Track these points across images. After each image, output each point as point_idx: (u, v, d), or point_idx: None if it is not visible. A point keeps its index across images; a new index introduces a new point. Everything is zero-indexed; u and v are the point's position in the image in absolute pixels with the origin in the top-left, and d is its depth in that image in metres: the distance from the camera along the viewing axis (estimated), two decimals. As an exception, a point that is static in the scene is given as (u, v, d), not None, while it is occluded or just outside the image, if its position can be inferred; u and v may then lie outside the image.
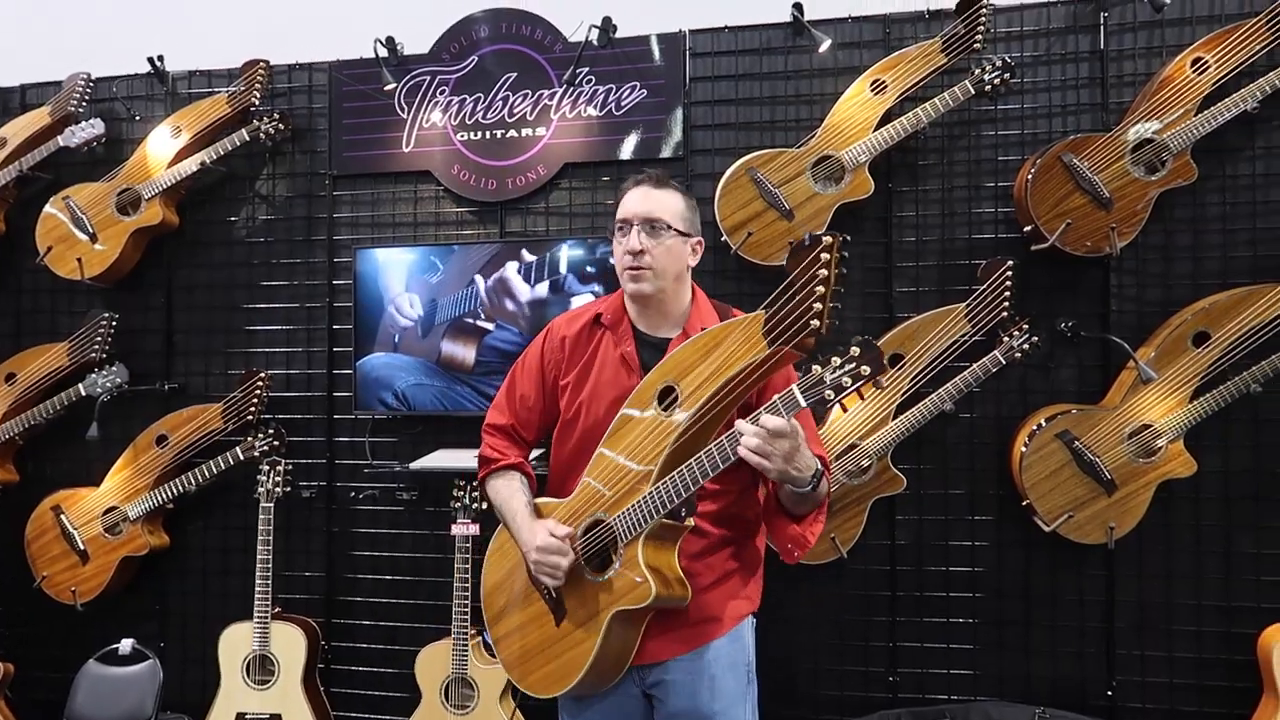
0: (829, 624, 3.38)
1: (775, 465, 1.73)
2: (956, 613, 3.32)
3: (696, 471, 1.81)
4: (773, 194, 3.21)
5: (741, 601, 2.09)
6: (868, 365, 1.62)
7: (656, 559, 1.89)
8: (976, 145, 3.36)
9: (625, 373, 2.06)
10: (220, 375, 3.84)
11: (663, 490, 1.84)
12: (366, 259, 3.58)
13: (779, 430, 1.70)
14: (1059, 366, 3.26)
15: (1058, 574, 3.26)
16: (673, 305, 2.09)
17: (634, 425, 1.92)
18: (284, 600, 3.67)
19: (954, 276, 3.33)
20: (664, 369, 1.92)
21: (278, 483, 3.47)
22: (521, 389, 2.23)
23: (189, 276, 3.89)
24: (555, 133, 3.60)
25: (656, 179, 2.09)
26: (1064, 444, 3.03)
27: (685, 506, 1.87)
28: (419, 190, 3.73)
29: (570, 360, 2.15)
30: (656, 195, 2.07)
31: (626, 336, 2.09)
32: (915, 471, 3.30)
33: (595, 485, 1.98)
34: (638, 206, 2.05)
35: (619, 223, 2.08)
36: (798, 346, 1.68)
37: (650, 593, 1.84)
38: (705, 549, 2.03)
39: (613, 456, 1.95)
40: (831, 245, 1.62)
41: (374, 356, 3.56)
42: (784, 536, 1.97)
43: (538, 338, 2.26)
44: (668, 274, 2.05)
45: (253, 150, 3.79)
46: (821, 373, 1.66)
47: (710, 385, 1.81)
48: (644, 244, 2.01)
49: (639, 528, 1.87)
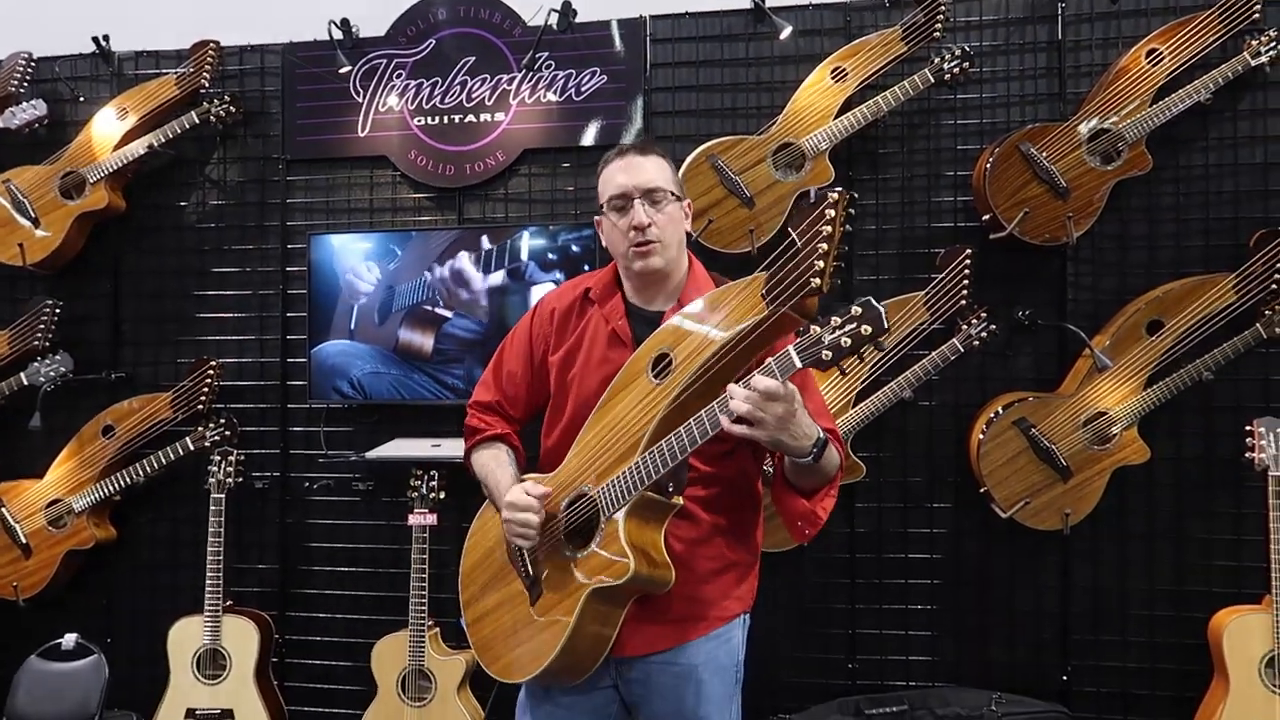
0: (788, 611, 3.41)
1: (767, 432, 1.64)
2: (915, 600, 3.36)
3: (685, 439, 1.71)
4: (733, 181, 3.23)
5: (733, 601, 1.99)
6: (868, 325, 1.52)
7: (640, 536, 1.79)
8: (936, 134, 3.40)
9: (617, 348, 1.97)
10: (169, 364, 3.79)
11: (648, 460, 1.75)
12: (321, 245, 3.55)
13: (771, 392, 1.60)
14: (1016, 354, 3.31)
15: (1014, 560, 3.31)
16: (673, 276, 2.00)
17: (625, 395, 1.85)
18: (236, 593, 3.63)
19: (913, 265, 3.36)
20: (659, 337, 1.85)
21: (229, 473, 3.43)
22: (509, 365, 2.14)
23: (136, 263, 3.84)
24: (514, 118, 3.59)
25: (639, 147, 2.00)
26: (1021, 431, 3.08)
27: (673, 481, 1.77)
28: (375, 176, 3.71)
29: (559, 336, 2.08)
30: (647, 163, 1.96)
31: (618, 311, 2.01)
32: (875, 459, 3.33)
33: (582, 457, 1.90)
34: (633, 178, 1.94)
35: (614, 199, 1.95)
36: (798, 309, 1.60)
37: (629, 568, 1.74)
38: (698, 537, 1.94)
39: (601, 428, 1.87)
40: (837, 202, 1.55)
41: (329, 344, 3.54)
42: (792, 512, 1.87)
43: (527, 314, 2.17)
44: (673, 243, 1.96)
45: (203, 133, 3.74)
46: (820, 332, 1.56)
47: (705, 351, 1.72)
48: (652, 216, 1.92)
49: (622, 500, 1.78)
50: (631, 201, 1.92)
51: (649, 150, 2.00)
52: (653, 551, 1.80)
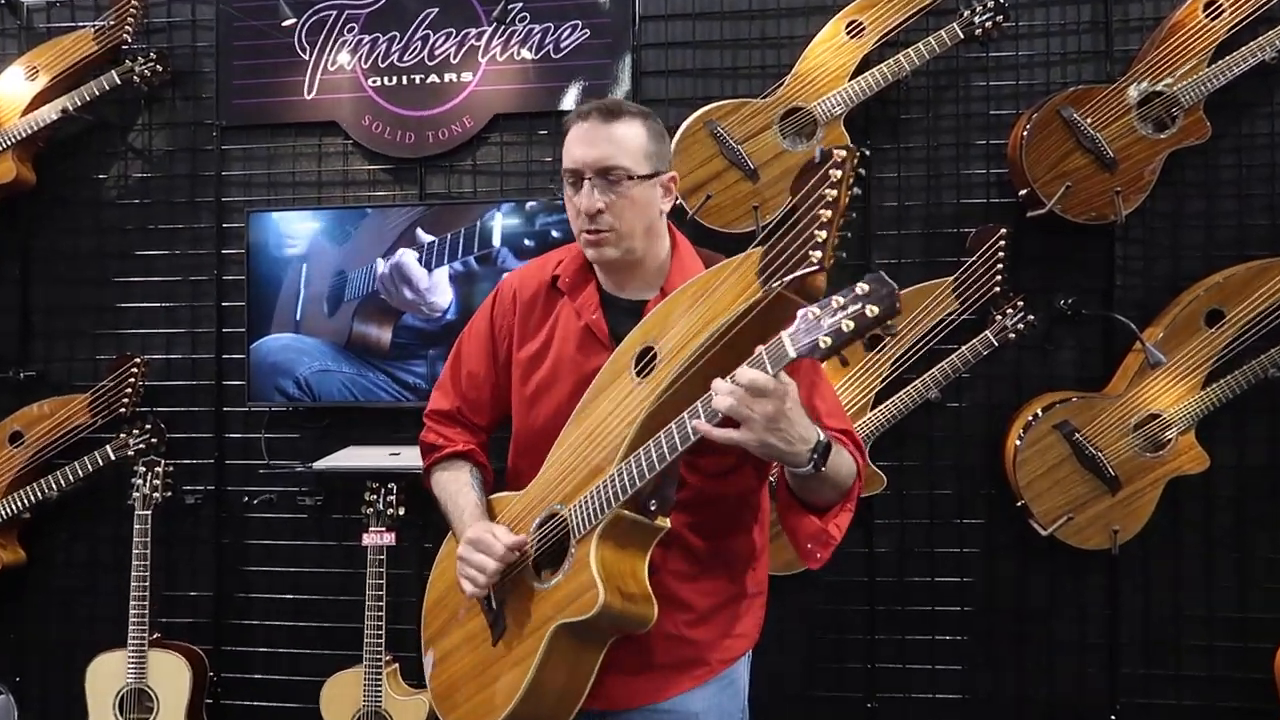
0: (798, 644, 3.38)
1: (755, 434, 1.52)
2: (943, 629, 3.34)
3: (665, 446, 1.62)
4: (735, 151, 3.21)
5: (737, 639, 1.93)
6: (875, 305, 1.41)
7: (616, 562, 1.70)
8: (966, 97, 3.38)
9: (593, 347, 1.90)
10: (87, 361, 3.75)
11: (624, 472, 1.67)
12: (261, 224, 3.51)
13: (757, 386, 1.49)
14: (1057, 349, 3.30)
15: (1056, 583, 3.30)
16: (648, 262, 1.91)
17: (606, 397, 1.78)
18: (165, 625, 3.60)
19: (940, 246, 3.35)
20: (643, 329, 1.77)
21: (156, 486, 3.39)
22: (468, 364, 2.07)
23: (49, 244, 3.79)
24: (484, 78, 3.56)
25: (607, 109, 1.85)
26: (1063, 436, 3.07)
27: (656, 498, 1.69)
28: (324, 144, 3.67)
29: (524, 328, 2.00)
30: (608, 132, 1.83)
31: (591, 302, 1.92)
32: (897, 469, 3.31)
33: (555, 470, 1.83)
34: (586, 152, 1.82)
35: (567, 173, 1.87)
36: (798, 289, 1.50)
37: (598, 600, 1.64)
38: (695, 570, 1.87)
39: (578, 436, 1.80)
40: (845, 160, 1.47)
41: (271, 338, 3.50)
42: (801, 532, 1.77)
43: (486, 300, 2.10)
44: (635, 232, 1.85)
45: (125, 96, 3.70)
46: (818, 315, 1.45)
47: (693, 342, 1.64)
48: (600, 201, 1.82)
49: (594, 520, 1.70)
50: (582, 180, 1.83)
51: (619, 113, 1.85)
52: (629, 582, 1.71)
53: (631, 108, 1.88)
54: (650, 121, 1.88)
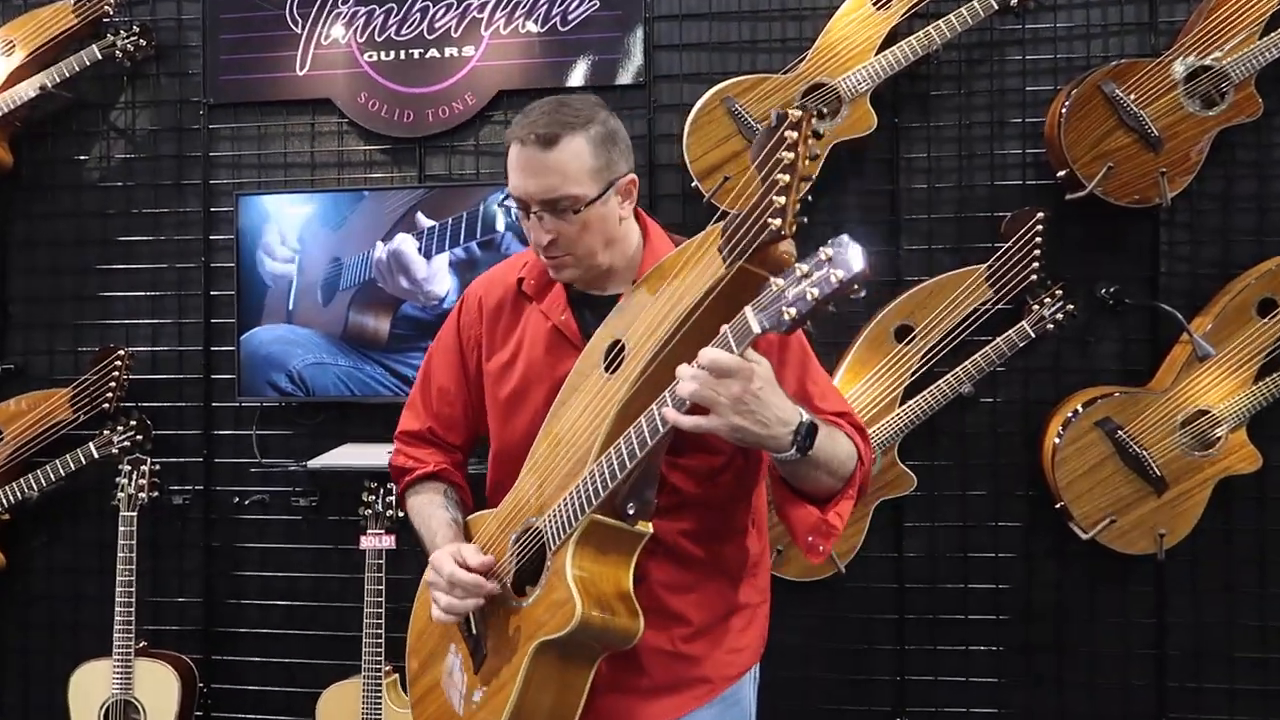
0: (822, 655, 3.37)
1: (724, 419, 1.50)
2: (977, 639, 3.33)
3: (635, 441, 1.60)
4: (753, 129, 3.18)
5: (740, 653, 1.92)
6: (840, 269, 1.38)
7: (593, 572, 1.68)
8: (1001, 72, 3.36)
9: (564, 349, 1.90)
10: (68, 353, 3.75)
11: (598, 470, 1.65)
12: (251, 208, 3.49)
13: (720, 366, 1.48)
14: (1099, 340, 3.29)
15: (1098, 591, 3.28)
16: (616, 263, 1.91)
17: (575, 399, 1.78)
18: (151, 633, 3.60)
19: (973, 231, 3.33)
20: (610, 324, 1.78)
21: (142, 486, 3.39)
22: (439, 380, 2.08)
23: (27, 230, 3.78)
24: (487, 53, 3.54)
25: (543, 137, 1.77)
26: (1105, 434, 3.05)
27: (633, 500, 1.67)
28: (317, 123, 3.66)
29: (492, 337, 2.00)
30: (549, 160, 1.77)
31: (559, 302, 1.93)
32: (927, 468, 3.30)
33: (529, 481, 1.83)
34: (528, 182, 1.79)
35: (512, 198, 1.85)
36: (761, 261, 1.50)
37: (575, 613, 1.62)
38: (690, 580, 1.86)
39: (550, 441, 1.80)
40: (800, 120, 1.44)
41: (263, 329, 3.49)
42: (798, 524, 1.75)
43: (451, 311, 2.11)
44: (594, 251, 1.85)
45: (107, 72, 3.69)
46: (784, 285, 1.42)
47: (660, 329, 1.63)
48: (552, 230, 1.81)
49: (568, 527, 1.69)
50: (529, 210, 1.81)
51: (556, 139, 1.77)
52: (610, 593, 1.69)
53: (569, 120, 1.79)
54: (594, 127, 1.80)
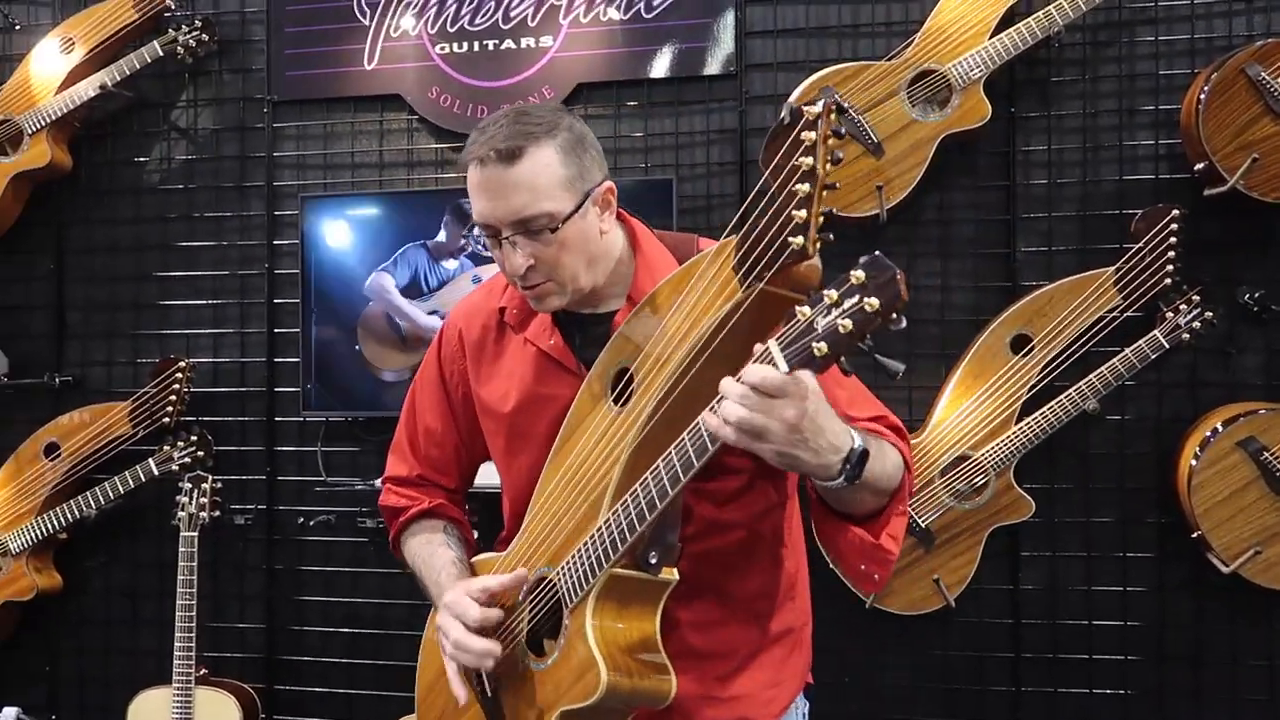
0: (930, 695, 3.35)
1: (775, 446, 1.43)
2: (1102, 681, 3.28)
3: (665, 480, 1.54)
4: (856, 122, 3.17)
5: (784, 686, 1.89)
6: (876, 297, 1.30)
7: (617, 632, 1.63)
8: (1130, 55, 3.32)
9: (559, 376, 1.85)
10: (127, 365, 3.84)
11: (615, 519, 1.60)
12: (318, 211, 3.58)
13: (771, 386, 1.39)
14: (1241, 351, 3.24)
15: (1239, 630, 3.22)
16: (602, 279, 1.84)
17: (582, 433, 1.73)
18: (212, 660, 3.67)
19: (1099, 231, 3.30)
20: (614, 348, 1.71)
21: (203, 505, 3.43)
22: (425, 421, 2.05)
23: (86, 236, 3.90)
24: (565, 43, 3.58)
25: (504, 153, 1.70)
26: (1248, 456, 3.00)
27: (656, 548, 1.61)
28: (386, 120, 3.72)
29: (478, 372, 1.96)
30: (513, 178, 1.70)
31: (545, 327, 1.87)
32: (1046, 493, 3.27)
33: (538, 524, 1.77)
34: (495, 205, 1.72)
35: (478, 226, 1.78)
36: (787, 281, 1.42)
37: (599, 683, 1.57)
38: (717, 615, 1.81)
39: (557, 482, 1.75)
40: (818, 118, 1.35)
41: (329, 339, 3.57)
42: (847, 552, 1.68)
43: (431, 345, 2.07)
44: (577, 274, 1.77)
45: (168, 69, 3.79)
46: (810, 315, 1.35)
47: (675, 357, 1.56)
48: (527, 256, 1.73)
49: (585, 583, 1.63)
50: (499, 239, 1.74)
51: (519, 152, 1.70)
52: (638, 652, 1.64)
53: (531, 129, 1.72)
54: (561, 133, 1.74)
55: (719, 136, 3.51)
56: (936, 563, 3.15)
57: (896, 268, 1.30)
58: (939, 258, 3.40)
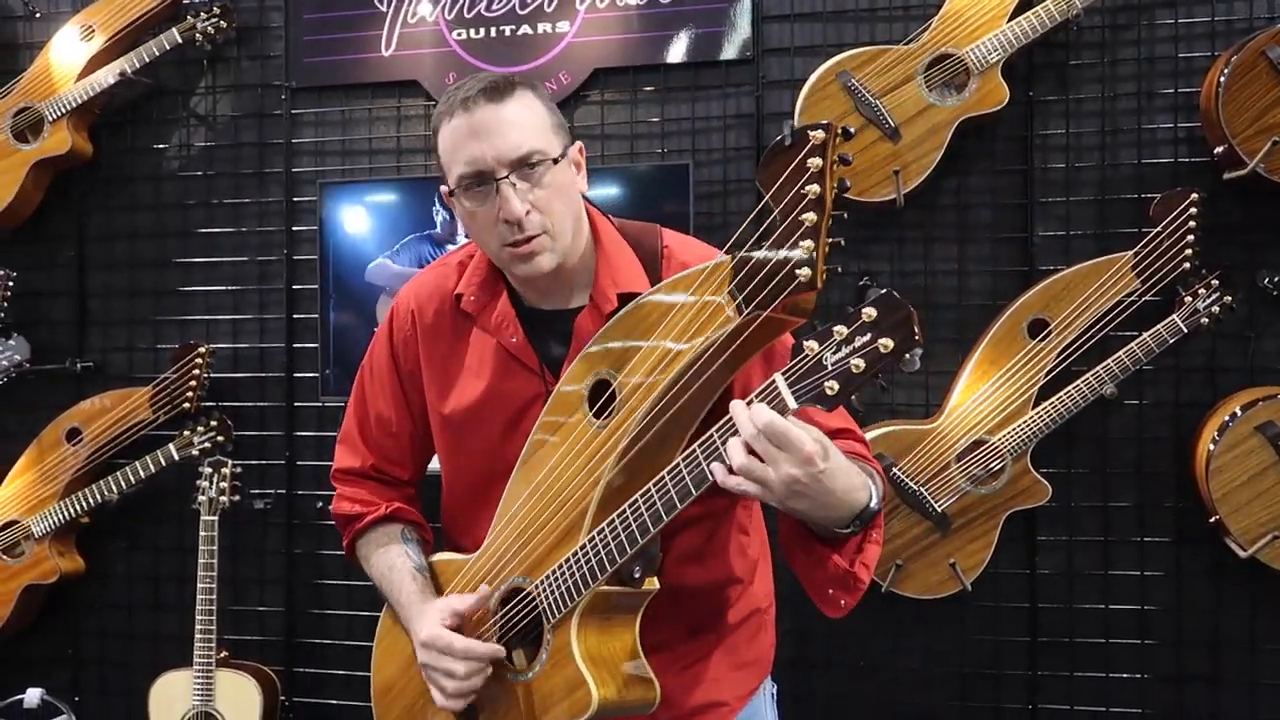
0: (946, 679, 3.36)
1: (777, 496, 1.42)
2: (1119, 666, 3.29)
3: (659, 505, 1.53)
4: (872, 106, 3.18)
5: (752, 667, 1.92)
6: (889, 337, 1.30)
7: (603, 645, 1.65)
8: (1149, 38, 3.31)
9: (519, 374, 1.81)
10: (148, 350, 3.88)
11: (602, 539, 1.59)
12: (336, 197, 3.60)
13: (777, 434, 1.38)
14: (1261, 336, 3.23)
15: (1259, 615, 3.22)
16: (572, 260, 1.79)
17: (556, 445, 1.70)
18: (232, 642, 3.69)
19: (1117, 215, 3.29)
20: (590, 357, 1.68)
21: (223, 490, 3.46)
22: (376, 408, 1.97)
23: (106, 222, 3.93)
24: (582, 28, 3.58)
25: (493, 87, 1.69)
26: (1267, 440, 2.99)
27: (640, 562, 1.62)
28: (403, 106, 3.74)
29: (431, 358, 1.90)
30: (505, 114, 1.68)
31: (507, 320, 1.82)
32: (1063, 477, 3.27)
33: (508, 536, 1.75)
34: (489, 145, 1.67)
35: (465, 179, 1.71)
36: (786, 309, 1.41)
37: (591, 700, 1.58)
38: (687, 605, 1.82)
39: (530, 494, 1.72)
40: (825, 143, 1.34)
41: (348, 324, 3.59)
42: (817, 575, 1.64)
43: (380, 328, 1.99)
44: (567, 228, 1.74)
45: (187, 56, 3.81)
46: (819, 351, 1.35)
47: (664, 374, 1.55)
48: (528, 199, 1.68)
49: (570, 599, 1.63)
50: (494, 182, 1.68)
51: (509, 89, 1.70)
52: (624, 665, 1.65)
53: (514, 79, 1.73)
54: (536, 88, 1.75)
55: (735, 122, 3.52)
56: (953, 547, 3.15)
57: (910, 306, 1.30)
58: (956, 242, 3.40)
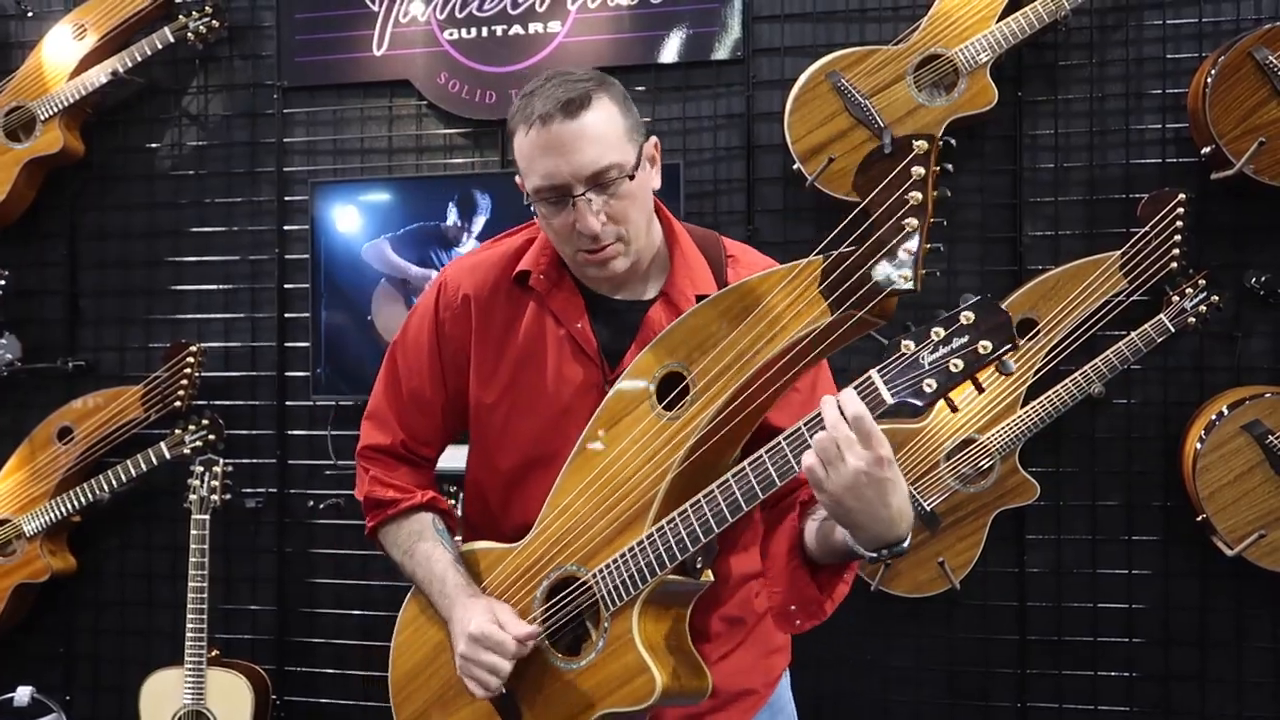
0: (935, 677, 3.37)
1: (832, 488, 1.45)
2: (1107, 664, 3.29)
3: (738, 495, 1.55)
4: (862, 107, 3.18)
5: (776, 654, 1.94)
6: (989, 340, 1.35)
7: (660, 635, 1.66)
8: (1138, 39, 3.32)
9: (576, 361, 1.80)
10: (139, 349, 3.88)
11: (671, 528, 1.60)
12: (327, 196, 3.60)
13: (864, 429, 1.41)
14: (1247, 336, 3.23)
15: (1245, 613, 3.23)
16: (645, 256, 1.80)
17: (619, 434, 1.70)
18: (223, 641, 3.71)
19: (1105, 215, 3.30)
20: (659, 349, 1.68)
21: (215, 489, 3.46)
22: (411, 385, 1.93)
23: (98, 221, 3.93)
24: (573, 28, 3.59)
25: (569, 102, 1.66)
26: (1253, 439, 3.00)
27: (702, 554, 1.64)
28: (395, 106, 3.74)
29: (484, 340, 1.87)
30: (583, 129, 1.66)
31: (574, 306, 1.82)
32: (1052, 476, 3.28)
33: (562, 523, 1.74)
34: (565, 161, 1.66)
35: (542, 191, 1.70)
36: (875, 312, 1.45)
37: (655, 687, 1.59)
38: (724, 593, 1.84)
39: (588, 483, 1.71)
40: (927, 153, 1.41)
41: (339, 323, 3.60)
42: (792, 595, 1.69)
43: (424, 299, 1.95)
44: (641, 233, 1.75)
45: (179, 56, 3.82)
46: (915, 350, 1.39)
47: (744, 369, 1.56)
48: (603, 212, 1.68)
49: (633, 588, 1.63)
50: (571, 197, 1.68)
51: (585, 101, 1.67)
52: (678, 655, 1.67)
53: (589, 83, 1.70)
54: (612, 88, 1.73)
55: (726, 121, 3.53)
56: (942, 546, 3.16)
57: (1006, 310, 1.37)
58: (945, 242, 3.34)
